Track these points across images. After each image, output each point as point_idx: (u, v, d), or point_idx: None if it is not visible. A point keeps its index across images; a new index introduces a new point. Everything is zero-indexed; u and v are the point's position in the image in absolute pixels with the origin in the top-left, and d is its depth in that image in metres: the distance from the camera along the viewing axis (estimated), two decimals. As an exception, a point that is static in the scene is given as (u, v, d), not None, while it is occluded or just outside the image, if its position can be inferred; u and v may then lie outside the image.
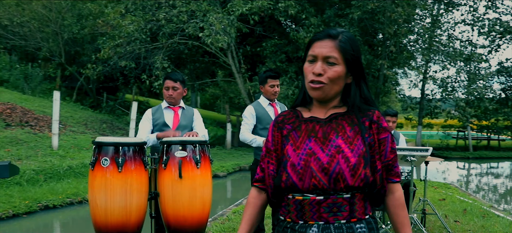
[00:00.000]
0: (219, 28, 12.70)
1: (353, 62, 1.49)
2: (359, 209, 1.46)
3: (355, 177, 1.40)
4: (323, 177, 1.41)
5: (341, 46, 1.46)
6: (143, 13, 14.50)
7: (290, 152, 1.50)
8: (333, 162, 1.42)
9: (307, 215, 1.45)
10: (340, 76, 1.48)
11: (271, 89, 4.19)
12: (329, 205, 1.42)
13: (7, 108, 12.64)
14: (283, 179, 1.48)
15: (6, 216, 6.52)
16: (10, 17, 17.20)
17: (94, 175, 3.08)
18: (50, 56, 19.40)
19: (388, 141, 1.50)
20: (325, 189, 1.42)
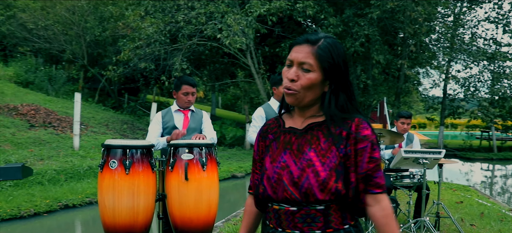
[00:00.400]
0: (237, 29, 12.76)
1: (331, 70, 1.45)
2: (335, 219, 1.43)
3: (325, 191, 1.39)
4: (294, 191, 1.41)
5: (318, 53, 1.43)
6: (162, 15, 14.68)
7: (267, 165, 1.52)
8: (303, 176, 1.41)
9: (284, 224, 1.46)
10: (314, 84, 1.44)
11: None
12: (302, 215, 1.43)
13: (31, 110, 12.98)
14: (260, 191, 1.51)
15: (28, 215, 6.70)
16: (35, 20, 17.64)
17: (102, 176, 3.16)
18: (73, 58, 19.82)
19: (367, 150, 1.43)
20: (297, 202, 1.42)
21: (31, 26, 17.73)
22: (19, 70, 17.79)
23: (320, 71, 1.44)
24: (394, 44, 16.43)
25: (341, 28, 14.42)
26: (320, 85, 1.46)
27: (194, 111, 4.06)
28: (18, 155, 9.06)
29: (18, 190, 7.63)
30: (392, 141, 4.85)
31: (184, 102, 3.94)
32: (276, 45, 17.36)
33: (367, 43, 14.74)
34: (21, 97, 14.50)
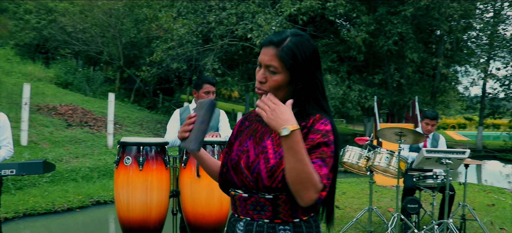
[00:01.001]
0: (267, 29, 12.80)
1: (297, 70, 1.46)
2: (284, 211, 1.46)
3: (272, 178, 1.42)
4: (249, 174, 1.47)
5: (281, 55, 1.44)
6: (194, 16, 14.89)
7: (235, 147, 1.59)
8: (255, 161, 1.47)
9: (239, 210, 1.55)
10: (281, 85, 1.46)
11: None
12: (253, 203, 1.49)
13: (69, 110, 13.47)
14: (224, 170, 1.58)
15: (62, 210, 6.97)
16: (74, 24, 18.28)
17: (118, 172, 3.26)
18: (110, 59, 20.41)
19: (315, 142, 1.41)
20: (250, 187, 1.48)
21: (70, 29, 18.39)
22: (59, 72, 18.48)
23: (286, 72, 1.45)
24: (429, 42, 16.00)
25: (373, 27, 14.20)
26: (288, 85, 1.48)
27: None
28: (54, 152, 9.41)
29: (53, 186, 7.94)
30: (415, 140, 4.75)
31: None
32: (308, 44, 17.27)
33: (400, 41, 14.45)
34: (61, 98, 15.06)
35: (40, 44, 20.67)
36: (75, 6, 19.08)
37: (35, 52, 20.71)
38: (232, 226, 1.58)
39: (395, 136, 4.53)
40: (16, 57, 18.67)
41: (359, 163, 4.85)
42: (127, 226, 3.24)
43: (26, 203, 6.89)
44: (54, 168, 3.43)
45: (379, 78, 15.16)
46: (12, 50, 19.30)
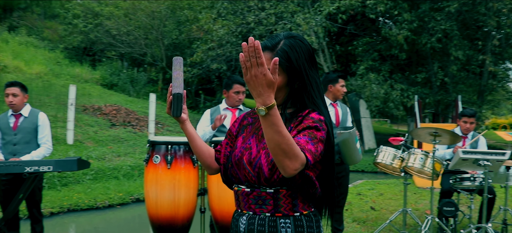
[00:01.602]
0: (306, 28, 12.73)
1: (292, 71, 1.53)
2: (285, 205, 1.53)
3: (273, 171, 1.47)
4: (251, 170, 1.52)
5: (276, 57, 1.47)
6: (234, 17, 15.02)
7: (239, 143, 1.63)
8: (257, 156, 1.52)
9: (241, 204, 1.60)
10: (279, 87, 1.52)
11: (342, 88, 4.19)
12: (255, 197, 1.55)
13: (113, 110, 13.94)
14: (229, 166, 1.63)
15: (103, 206, 7.24)
16: (119, 27, 18.87)
17: (147, 170, 3.36)
18: (154, 61, 20.93)
19: (305, 124, 1.47)
20: (252, 182, 1.52)
21: (114, 32, 19.01)
22: (105, 73, 19.14)
23: (283, 74, 1.52)
24: (475, 39, 15.37)
25: (416, 24, 13.79)
26: (286, 87, 1.56)
27: (242, 109, 4.15)
28: (98, 151, 9.77)
29: (96, 183, 8.25)
30: (451, 141, 4.59)
31: (235, 100, 4.05)
32: (349, 43, 17.04)
33: (444, 38, 13.97)
34: (105, 98, 15.60)
35: (87, 47, 21.49)
36: (119, 9, 19.70)
37: (82, 55, 21.56)
38: (235, 220, 1.63)
39: (429, 136, 4.41)
40: (65, 60, 19.49)
41: (393, 163, 4.74)
42: (156, 223, 3.33)
43: (70, 199, 7.20)
44: (88, 165, 3.59)
45: (422, 77, 14.73)
46: (61, 53, 20.17)
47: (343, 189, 4.20)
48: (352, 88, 15.22)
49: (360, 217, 5.74)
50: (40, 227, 4.18)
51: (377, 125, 29.34)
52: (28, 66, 15.71)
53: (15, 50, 17.24)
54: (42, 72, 15.82)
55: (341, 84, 4.16)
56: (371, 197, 7.36)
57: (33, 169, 3.22)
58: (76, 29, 19.98)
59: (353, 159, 3.90)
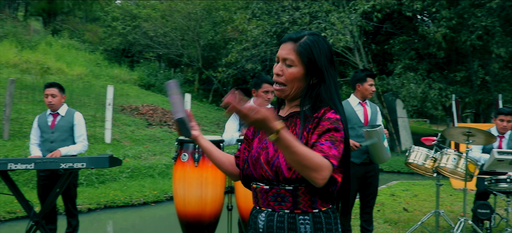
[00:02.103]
0: (340, 27, 12.61)
1: (312, 65, 1.56)
2: (303, 201, 1.54)
3: (291, 170, 1.49)
4: (268, 169, 1.54)
5: (298, 49, 1.56)
6: (268, 17, 15.06)
7: (255, 145, 1.66)
8: (275, 156, 1.54)
9: (260, 202, 1.62)
10: (297, 78, 1.57)
11: (370, 88, 4.14)
12: (274, 194, 1.56)
13: (150, 110, 14.26)
14: (245, 167, 1.66)
15: (138, 203, 7.45)
16: (156, 28, 19.29)
17: (175, 168, 3.44)
18: (190, 62, 21.25)
19: (324, 127, 1.50)
20: (270, 180, 1.54)
21: (151, 34, 19.44)
22: (142, 74, 19.61)
23: (302, 66, 1.57)
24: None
25: (455, 21, 13.39)
26: (304, 79, 1.58)
27: None
28: (134, 150, 10.03)
29: (131, 181, 8.48)
30: (486, 141, 4.45)
31: (265, 99, 4.08)
32: (385, 42, 16.75)
33: (485, 35, 13.49)
34: (143, 99, 15.99)
35: (126, 49, 22.08)
36: (156, 11, 20.12)
37: (121, 56, 22.15)
38: (254, 217, 1.65)
39: (462, 136, 4.29)
40: (105, 62, 20.10)
41: (426, 164, 4.65)
42: (184, 220, 3.40)
43: (107, 195, 7.44)
44: (120, 163, 3.71)
45: (461, 75, 14.27)
46: (101, 55, 20.81)
47: (373, 189, 4.15)
48: (388, 88, 14.95)
49: (392, 218, 5.65)
50: (76, 221, 4.35)
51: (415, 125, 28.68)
52: (70, 68, 16.30)
53: (58, 53, 17.92)
54: (83, 74, 16.38)
55: (369, 83, 4.11)
56: (405, 198, 7.23)
57: (67, 165, 3.36)
58: (115, 32, 20.56)
59: (381, 158, 3.85)
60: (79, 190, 7.59)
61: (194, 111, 16.07)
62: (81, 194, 7.38)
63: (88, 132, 10.44)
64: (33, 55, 14.86)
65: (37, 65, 13.26)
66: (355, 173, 4.04)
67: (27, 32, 20.35)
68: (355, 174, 4.04)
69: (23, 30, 20.15)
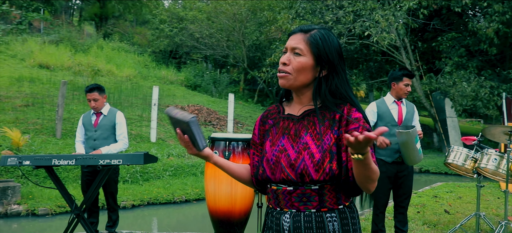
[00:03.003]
0: (385, 25, 12.35)
1: (322, 57, 1.54)
2: (329, 199, 1.52)
3: (320, 171, 1.48)
4: (291, 172, 1.51)
5: (309, 39, 1.54)
6: (312, 16, 14.99)
7: (267, 148, 1.62)
8: (299, 158, 1.51)
9: (282, 203, 1.56)
10: (304, 67, 1.54)
11: (405, 88, 4.07)
12: (299, 195, 1.52)
13: (195, 110, 14.57)
14: (260, 172, 1.61)
15: (180, 201, 7.66)
16: (202, 30, 19.67)
17: (207, 166, 3.55)
18: (235, 62, 21.51)
19: (358, 131, 1.47)
20: (293, 182, 1.51)
21: (197, 35, 19.84)
22: (189, 75, 20.07)
23: (311, 56, 1.54)
24: None
25: (508, 15, 12.77)
26: (312, 70, 1.56)
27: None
28: (178, 149, 10.29)
29: (174, 179, 8.72)
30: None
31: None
32: (433, 39, 16.23)
33: (542, 30, 12.80)
34: (189, 99, 16.35)
35: (173, 50, 22.66)
36: (202, 13, 20.52)
37: (168, 58, 22.76)
38: (276, 219, 1.59)
39: (504, 136, 4.13)
40: (152, 63, 20.73)
41: (466, 164, 4.51)
42: (215, 217, 3.49)
43: (151, 193, 7.70)
44: (156, 160, 3.85)
45: (516, 73, 13.62)
46: (149, 57, 21.48)
47: (406, 189, 4.07)
48: (436, 87, 14.48)
49: (432, 220, 5.49)
50: (116, 215, 4.56)
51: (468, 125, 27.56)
52: (119, 69, 16.95)
53: (109, 55, 18.68)
54: (131, 75, 16.98)
55: (404, 83, 4.03)
56: (448, 200, 7.00)
57: (105, 162, 3.53)
58: (163, 34, 21.16)
59: (412, 159, 3.77)
60: (124, 187, 7.95)
61: (239, 111, 16.25)
62: (126, 191, 7.68)
63: (135, 131, 10.91)
64: (85, 58, 15.57)
65: (89, 67, 13.89)
66: (387, 171, 3.98)
67: (80, 36, 21.35)
68: (386, 173, 3.98)
69: (77, 34, 21.15)
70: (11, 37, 17.01)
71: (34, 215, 6.58)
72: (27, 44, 16.23)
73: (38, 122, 9.85)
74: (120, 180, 8.22)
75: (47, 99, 11.32)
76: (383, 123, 4.09)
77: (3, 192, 6.68)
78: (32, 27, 20.88)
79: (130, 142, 10.27)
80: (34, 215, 6.58)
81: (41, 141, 8.80)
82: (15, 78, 12.56)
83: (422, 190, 8.17)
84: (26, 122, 9.72)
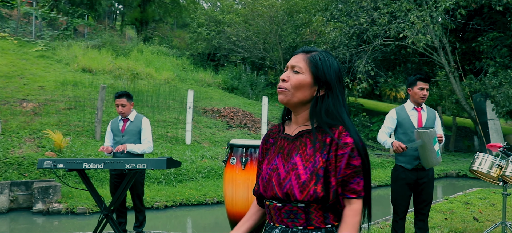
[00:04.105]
0: (420, 26, 12.13)
1: (320, 77, 1.61)
2: (316, 218, 1.57)
3: (304, 193, 1.53)
4: (278, 191, 1.59)
5: (309, 59, 1.63)
6: (347, 18, 14.91)
7: (264, 166, 1.71)
8: (287, 178, 1.58)
9: (274, 218, 1.65)
10: (302, 84, 1.61)
11: (420, 92, 4.05)
12: (287, 211, 1.59)
13: (231, 112, 14.80)
14: (255, 188, 1.72)
15: (212, 202, 7.87)
16: (238, 33, 19.94)
17: (225, 170, 3.69)
18: (272, 64, 21.66)
19: (345, 157, 1.54)
20: (281, 199, 1.59)
21: (234, 38, 20.11)
22: (226, 77, 20.35)
23: (310, 75, 1.62)
24: None
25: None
26: (309, 88, 1.62)
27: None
28: (212, 151, 10.53)
29: (207, 181, 8.94)
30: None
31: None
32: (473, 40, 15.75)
33: None
34: (225, 101, 16.61)
35: (211, 53, 23.05)
36: (239, 16, 20.78)
37: (206, 60, 23.17)
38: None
39: (528, 143, 4.04)
40: (191, 66, 21.17)
41: (491, 172, 4.45)
42: (232, 220, 3.63)
43: (183, 194, 7.94)
44: (179, 165, 4.04)
45: None
46: (187, 60, 21.96)
47: (426, 196, 4.06)
48: (476, 88, 14.06)
49: (458, 227, 5.40)
50: (142, 216, 4.80)
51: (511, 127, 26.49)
52: (158, 72, 17.43)
53: (148, 59, 19.25)
54: (170, 78, 17.42)
55: (419, 87, 4.03)
56: (480, 207, 6.84)
57: (131, 165, 3.75)
58: (201, 37, 21.57)
59: (429, 161, 3.77)
60: (158, 188, 8.24)
61: (275, 113, 16.35)
62: (160, 192, 7.97)
63: (170, 134, 11.25)
64: (125, 62, 16.12)
65: (128, 71, 14.38)
66: (406, 178, 4.00)
67: (122, 40, 22.11)
68: (405, 180, 4.00)
69: (119, 38, 21.92)
70: (57, 43, 17.84)
71: (73, 213, 6.96)
72: (71, 49, 16.98)
73: (79, 125, 10.34)
74: (154, 181, 8.55)
75: (89, 103, 11.84)
76: (402, 130, 4.11)
77: (45, 191, 7.10)
78: (77, 32, 21.82)
79: (165, 144, 10.61)
80: (73, 213, 6.97)
81: (81, 142, 9.25)
82: (59, 82, 13.21)
83: (454, 195, 8.00)
84: (68, 124, 10.23)
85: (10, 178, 7.51)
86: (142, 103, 13.19)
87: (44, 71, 14.32)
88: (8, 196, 7.07)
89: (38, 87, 12.47)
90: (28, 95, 11.61)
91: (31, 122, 9.86)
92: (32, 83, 12.66)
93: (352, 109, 21.10)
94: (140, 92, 14.26)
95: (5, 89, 11.63)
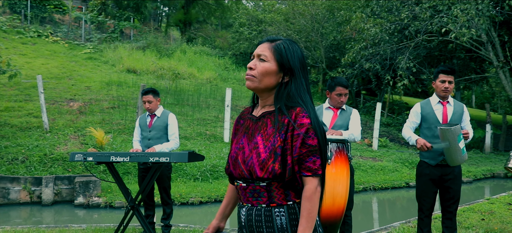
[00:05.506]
0: (464, 20, 11.67)
1: (284, 64, 1.70)
2: (278, 195, 1.67)
3: (264, 170, 1.63)
4: (244, 168, 1.69)
5: (274, 47, 1.72)
6: (387, 14, 14.60)
7: (233, 145, 1.82)
8: (249, 156, 1.68)
9: (242, 198, 1.76)
10: (268, 72, 1.70)
11: (441, 85, 3.93)
12: (251, 191, 1.70)
13: (270, 110, 14.85)
14: (226, 167, 1.82)
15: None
16: (279, 31, 19.95)
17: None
18: (314, 63, 21.51)
19: (300, 136, 1.62)
20: (246, 178, 1.69)
21: (274, 37, 20.14)
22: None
23: (275, 62, 1.71)
24: None
25: None
26: (275, 75, 1.72)
27: (345, 109, 4.22)
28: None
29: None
30: None
31: (338, 102, 4.15)
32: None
33: None
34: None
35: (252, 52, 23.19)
36: (280, 15, 20.79)
37: (248, 60, 23.33)
38: (238, 212, 1.81)
39: None
40: (232, 66, 21.42)
41: (525, 169, 4.23)
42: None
43: (218, 190, 8.08)
44: (202, 159, 4.15)
45: None
46: (229, 59, 22.23)
47: (453, 194, 3.92)
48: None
49: (494, 229, 5.18)
50: (170, 209, 4.94)
51: None
52: (200, 72, 17.77)
53: (191, 59, 19.65)
54: (212, 77, 17.72)
55: (440, 79, 3.90)
56: (523, 207, 6.53)
57: (155, 159, 3.88)
58: (242, 36, 21.76)
59: (454, 159, 3.65)
60: (194, 184, 8.43)
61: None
62: (195, 188, 8.15)
63: (209, 132, 11.45)
64: (168, 62, 16.54)
65: (170, 71, 14.76)
66: (430, 174, 3.90)
67: (166, 41, 22.69)
68: (430, 176, 3.90)
69: (163, 40, 22.50)
70: (105, 45, 18.57)
71: (111, 207, 7.26)
72: (117, 51, 17.62)
73: (121, 123, 10.74)
74: (191, 178, 8.74)
75: (131, 102, 12.27)
76: (426, 125, 4.00)
77: (86, 186, 7.45)
78: (123, 34, 22.60)
79: (204, 141, 10.81)
80: (111, 207, 7.27)
81: (122, 140, 9.61)
82: (105, 82, 13.76)
83: (497, 196, 7.66)
84: (111, 122, 10.66)
85: (55, 173, 7.93)
86: (183, 102, 13.50)
87: (91, 72, 14.97)
88: (53, 189, 7.48)
89: (85, 87, 13.06)
90: (75, 95, 12.19)
91: (76, 120, 10.34)
92: (80, 84, 13.27)
93: (395, 107, 20.60)
94: (182, 91, 14.59)
95: (54, 90, 12.27)
